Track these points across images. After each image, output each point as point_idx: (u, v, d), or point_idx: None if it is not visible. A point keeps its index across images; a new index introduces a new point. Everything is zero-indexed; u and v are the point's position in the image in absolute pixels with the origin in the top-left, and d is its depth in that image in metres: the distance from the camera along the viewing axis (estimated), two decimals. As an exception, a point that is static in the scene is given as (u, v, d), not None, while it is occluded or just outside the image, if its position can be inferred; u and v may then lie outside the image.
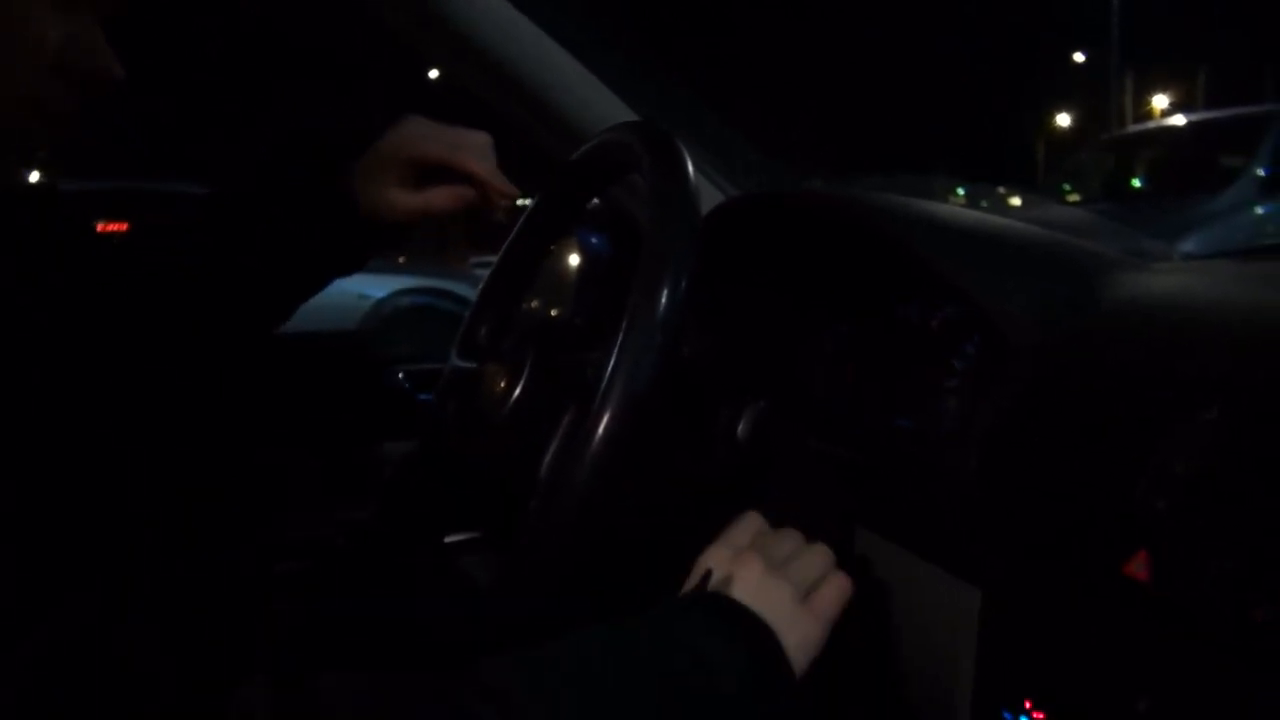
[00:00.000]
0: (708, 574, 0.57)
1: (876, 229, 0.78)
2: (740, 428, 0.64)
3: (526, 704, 0.45)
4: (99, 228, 0.71)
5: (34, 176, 0.92)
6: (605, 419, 0.52)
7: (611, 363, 0.53)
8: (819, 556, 0.59)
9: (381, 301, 5.75)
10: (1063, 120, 21.85)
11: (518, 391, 0.73)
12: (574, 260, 1.26)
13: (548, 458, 0.64)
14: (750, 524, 0.62)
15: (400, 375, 1.26)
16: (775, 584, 0.56)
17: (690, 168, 0.60)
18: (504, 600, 0.69)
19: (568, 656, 0.50)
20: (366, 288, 5.71)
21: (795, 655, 0.53)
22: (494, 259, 0.88)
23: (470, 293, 6.22)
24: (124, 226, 0.73)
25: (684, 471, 0.66)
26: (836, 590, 0.58)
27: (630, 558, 0.71)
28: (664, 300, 0.54)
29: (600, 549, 0.59)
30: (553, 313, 1.55)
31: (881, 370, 0.79)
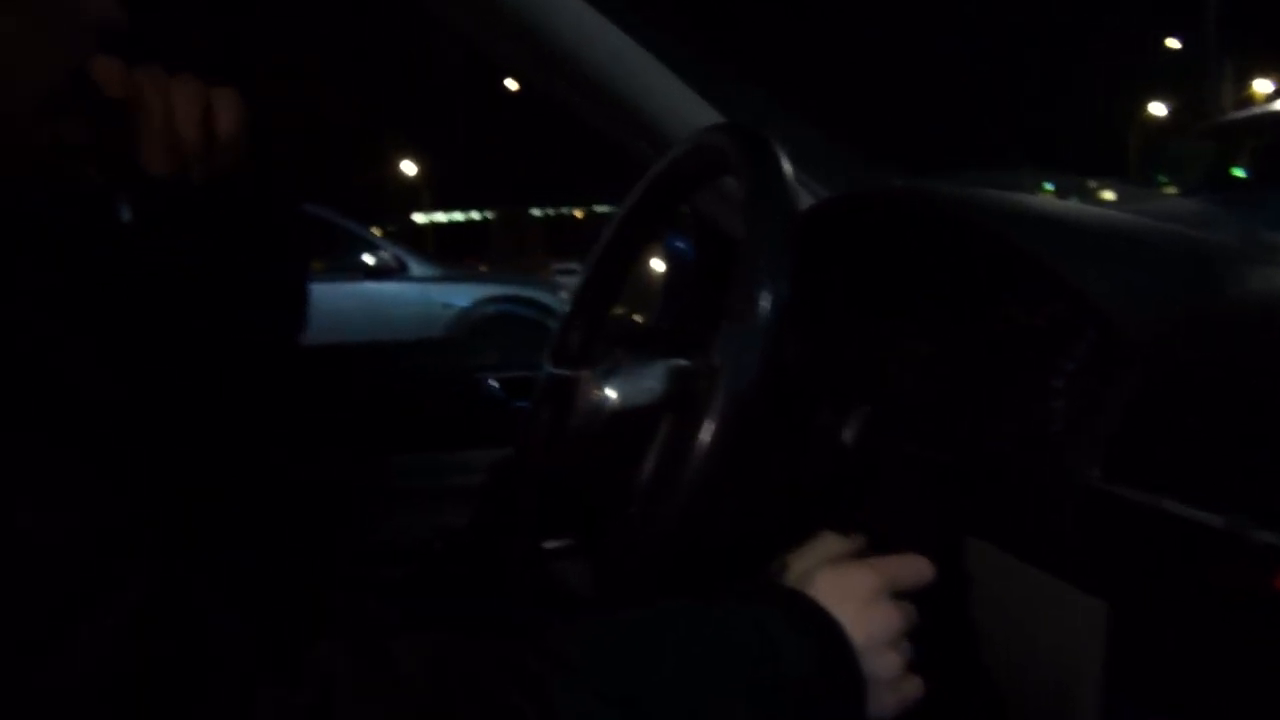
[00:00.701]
0: (785, 568, 0.57)
1: (974, 225, 0.76)
2: (845, 433, 0.63)
3: (585, 668, 0.46)
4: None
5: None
6: (709, 425, 0.52)
7: (713, 369, 0.53)
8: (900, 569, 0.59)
9: (466, 310, 5.88)
10: (1156, 109, 20.97)
11: (614, 398, 0.73)
12: (656, 265, 1.26)
13: (649, 464, 0.63)
14: (836, 542, 0.61)
15: (493, 383, 1.27)
16: (854, 578, 0.56)
17: (787, 169, 0.60)
18: (602, 605, 0.69)
19: (630, 626, 0.51)
20: (451, 297, 5.86)
21: (867, 660, 0.53)
22: (574, 265, 0.88)
23: (551, 299, 6.31)
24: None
25: (785, 477, 0.65)
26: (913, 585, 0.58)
27: (728, 562, 0.70)
28: (765, 304, 0.53)
29: (700, 555, 0.59)
30: (637, 318, 1.55)
31: (982, 371, 0.76)
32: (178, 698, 0.39)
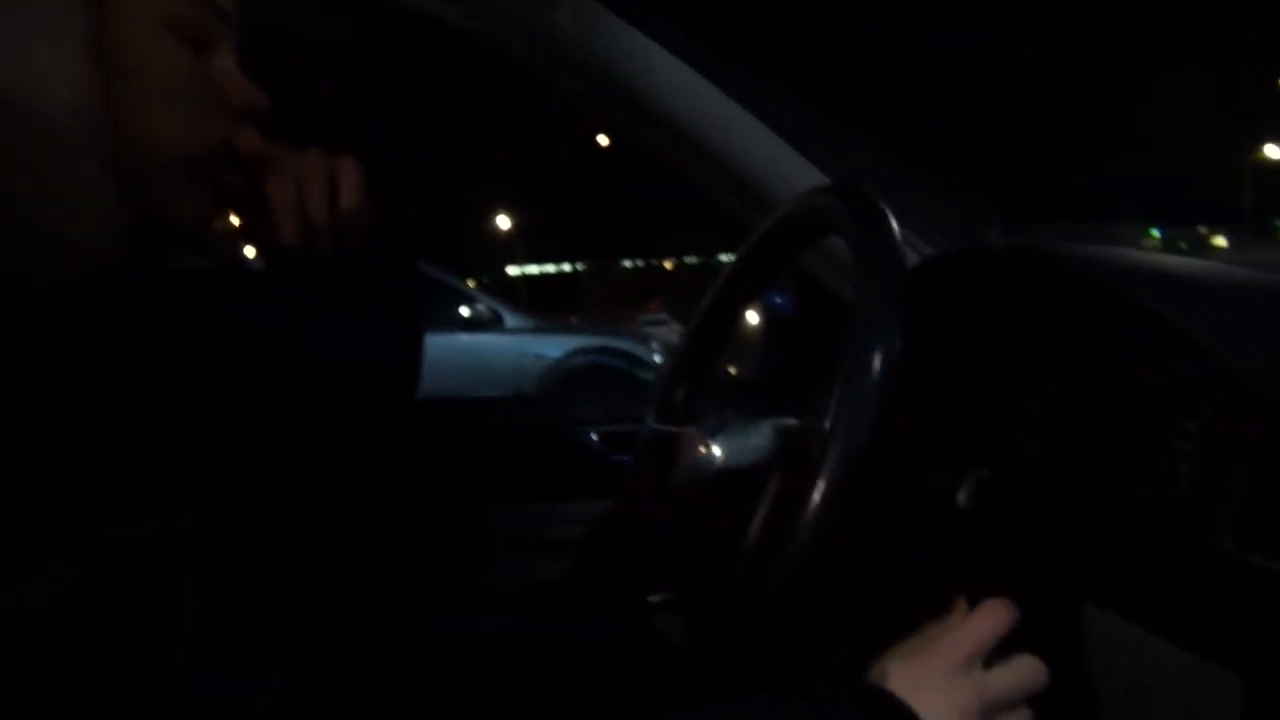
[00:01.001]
0: (885, 669, 0.56)
1: (1086, 282, 0.74)
2: (960, 496, 0.62)
3: None
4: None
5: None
6: (820, 486, 0.52)
7: (826, 429, 0.53)
8: (1026, 673, 0.57)
9: (558, 361, 5.97)
10: (1273, 152, 20.07)
11: (720, 455, 0.74)
12: (751, 317, 1.27)
13: (755, 523, 0.63)
14: (956, 634, 0.60)
15: (593, 436, 1.29)
16: (960, 686, 0.54)
17: (896, 230, 0.60)
18: (705, 662, 0.69)
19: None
20: (544, 348, 5.97)
21: None
22: (663, 316, 0.90)
23: (642, 350, 6.37)
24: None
25: (895, 540, 0.64)
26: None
27: (834, 627, 0.70)
28: (878, 365, 0.53)
29: (806, 617, 0.58)
30: (731, 369, 1.56)
31: (1100, 432, 0.74)
32: None
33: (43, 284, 0.45)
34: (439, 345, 5.89)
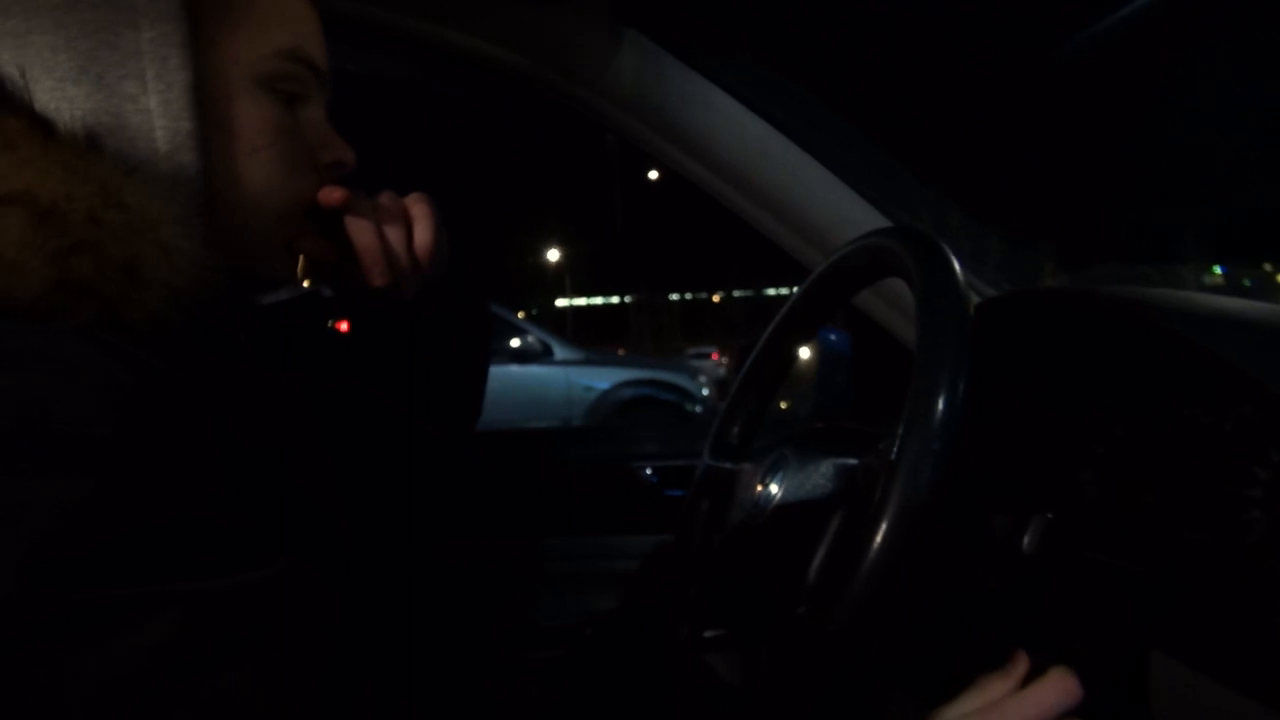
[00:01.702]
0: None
1: (1150, 325, 0.74)
2: (1026, 540, 0.61)
3: None
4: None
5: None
6: (884, 526, 0.52)
7: (890, 469, 0.53)
8: None
9: (606, 393, 6.01)
10: (1338, 187, 19.50)
11: (778, 493, 0.74)
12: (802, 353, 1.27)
13: (816, 562, 0.64)
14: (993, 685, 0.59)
15: (647, 470, 1.30)
16: None
17: (960, 274, 0.60)
18: (761, 702, 0.69)
19: None
20: (592, 380, 6.01)
21: None
22: (708, 349, 0.90)
23: (690, 383, 6.37)
24: (345, 325, 0.81)
25: (958, 584, 0.64)
26: None
27: (895, 669, 0.69)
28: (943, 407, 0.53)
29: (867, 659, 0.58)
30: (782, 404, 1.55)
31: (1167, 476, 0.73)
32: None
33: (135, 324, 0.46)
34: (490, 376, 5.94)
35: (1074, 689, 0.57)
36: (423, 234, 0.70)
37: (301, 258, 0.65)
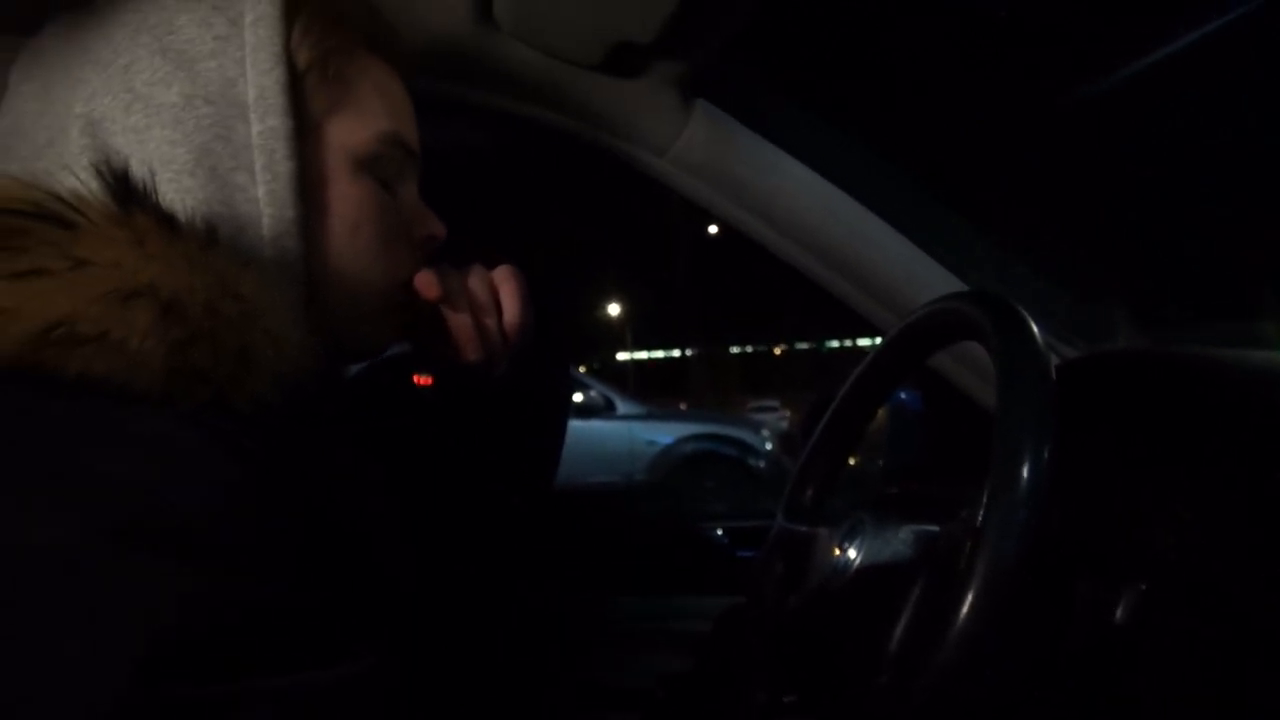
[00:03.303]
0: None
1: (1233, 387, 0.72)
2: (1119, 612, 0.60)
3: None
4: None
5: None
6: (971, 594, 0.51)
7: (972, 535, 0.53)
8: None
9: (669, 448, 6.00)
10: None
11: (857, 558, 0.74)
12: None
13: (899, 629, 0.63)
14: None
15: (719, 531, 1.30)
16: None
17: (1039, 338, 0.60)
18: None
19: None
20: (655, 434, 6.01)
21: None
22: (771, 403, 0.90)
23: (753, 438, 6.33)
24: (429, 380, 0.82)
25: (1049, 656, 0.62)
26: None
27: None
28: (1029, 472, 0.53)
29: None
30: (851, 461, 1.54)
31: (1258, 541, 0.71)
32: None
33: (243, 410, 0.47)
34: (553, 431, 6.00)
35: None
36: (512, 311, 0.72)
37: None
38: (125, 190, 0.49)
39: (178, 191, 0.52)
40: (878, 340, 0.88)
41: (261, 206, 0.54)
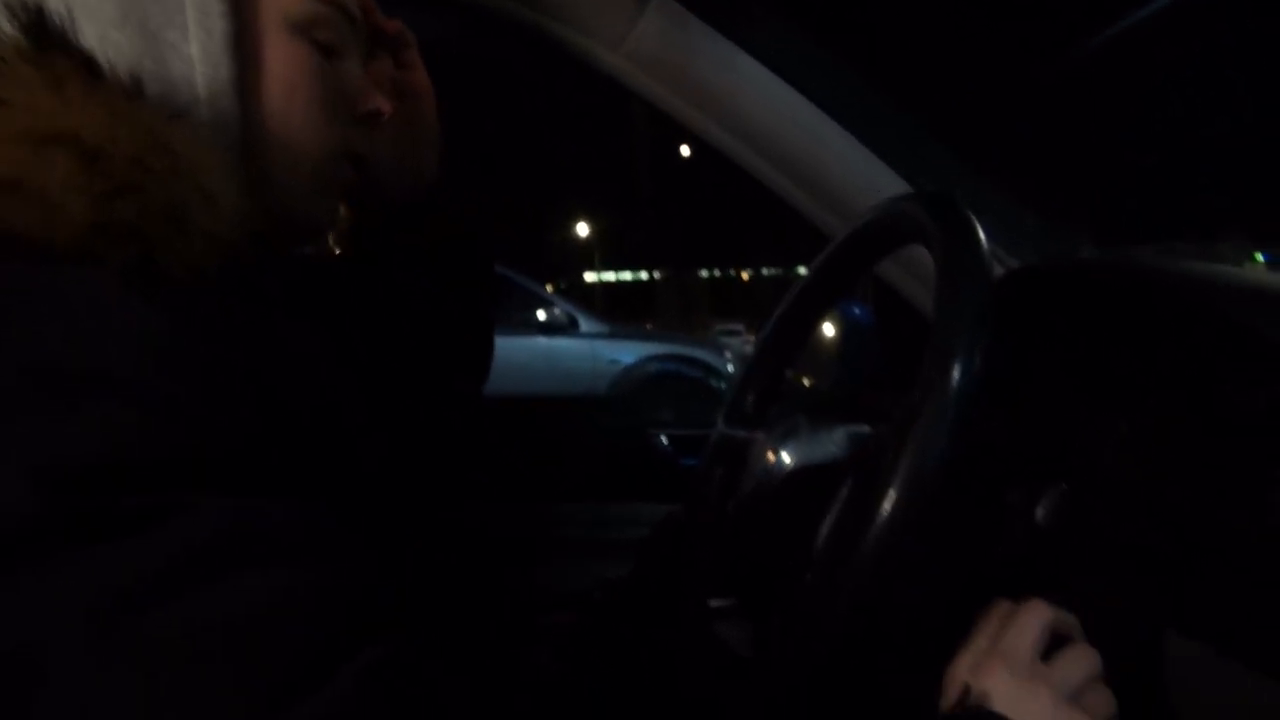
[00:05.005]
0: (966, 690, 0.54)
1: (1179, 299, 0.72)
2: (1039, 511, 0.60)
3: None
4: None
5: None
6: (892, 495, 0.51)
7: (899, 437, 0.52)
8: (1086, 659, 0.55)
9: (631, 367, 6.01)
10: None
11: (789, 461, 0.74)
12: (827, 329, 1.25)
13: (825, 529, 0.63)
14: (1021, 628, 0.58)
15: (663, 439, 1.30)
16: (1033, 691, 0.53)
17: (983, 241, 0.59)
18: (767, 670, 0.68)
19: None
20: (618, 353, 6.01)
21: None
22: (737, 326, 0.89)
23: (716, 359, 6.35)
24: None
25: (970, 555, 0.63)
26: (1104, 698, 0.54)
27: (906, 638, 0.68)
28: (957, 377, 0.52)
29: (875, 629, 0.57)
30: (806, 381, 1.54)
31: (1191, 453, 0.71)
32: None
33: (175, 273, 0.46)
34: (517, 347, 6.00)
35: (1045, 611, 0.56)
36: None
37: (331, 235, 0.65)
38: (41, 29, 0.47)
39: (105, 45, 0.50)
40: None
41: (195, 65, 0.52)
